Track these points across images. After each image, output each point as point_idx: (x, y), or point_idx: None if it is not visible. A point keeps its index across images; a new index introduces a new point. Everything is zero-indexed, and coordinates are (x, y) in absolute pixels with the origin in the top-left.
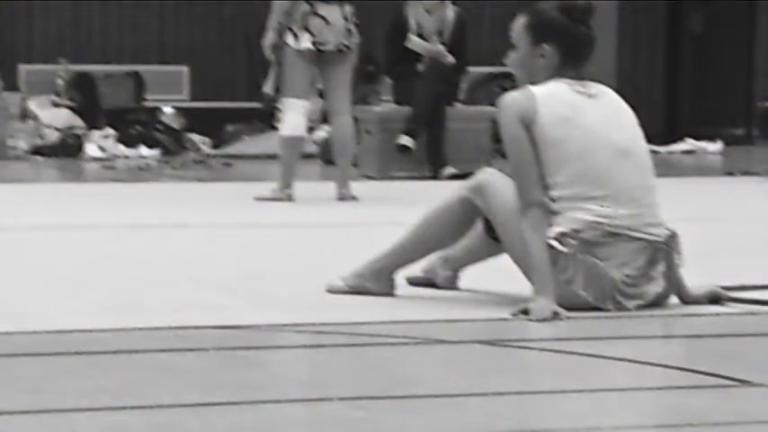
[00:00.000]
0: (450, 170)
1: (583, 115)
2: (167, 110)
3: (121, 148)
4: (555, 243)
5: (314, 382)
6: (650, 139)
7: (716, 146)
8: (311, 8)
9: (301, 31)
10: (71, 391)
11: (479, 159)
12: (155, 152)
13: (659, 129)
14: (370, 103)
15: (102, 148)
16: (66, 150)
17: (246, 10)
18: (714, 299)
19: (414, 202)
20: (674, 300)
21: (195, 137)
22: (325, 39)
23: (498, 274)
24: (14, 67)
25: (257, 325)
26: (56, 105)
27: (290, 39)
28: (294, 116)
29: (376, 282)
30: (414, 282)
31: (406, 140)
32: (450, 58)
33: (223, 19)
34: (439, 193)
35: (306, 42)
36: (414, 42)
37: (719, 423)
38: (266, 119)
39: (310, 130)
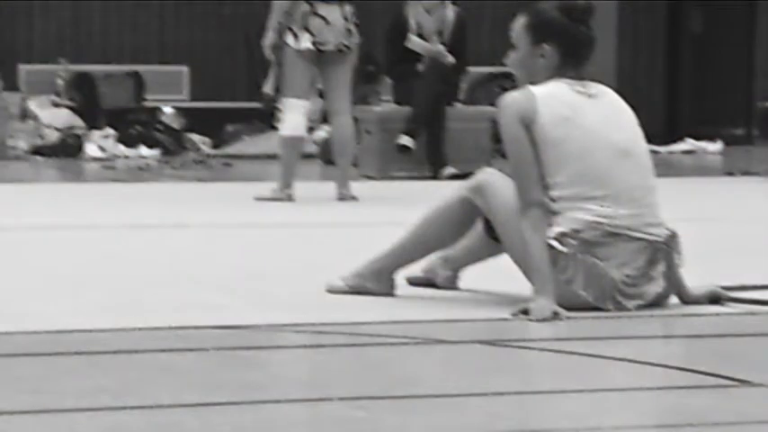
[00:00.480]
0: (450, 170)
1: (583, 115)
2: (167, 110)
3: (121, 148)
4: (555, 243)
5: (314, 382)
6: (650, 139)
7: (716, 146)
8: (311, 8)
9: (301, 31)
10: (71, 391)
11: (479, 159)
12: (155, 152)
13: (659, 129)
14: (370, 103)
15: (102, 148)
16: (66, 150)
17: (246, 10)
18: (714, 299)
19: (414, 202)
20: (674, 300)
21: (195, 137)
22: (325, 39)
23: (498, 274)
24: (14, 67)
25: (257, 325)
26: (56, 105)
27: (290, 39)
28: (294, 116)
29: (376, 282)
30: (414, 282)
31: (406, 140)
32: (450, 58)
33: (222, 16)
34: (439, 193)
35: (306, 42)
36: (414, 42)
37: (719, 423)
38: (266, 119)
39: (310, 130)
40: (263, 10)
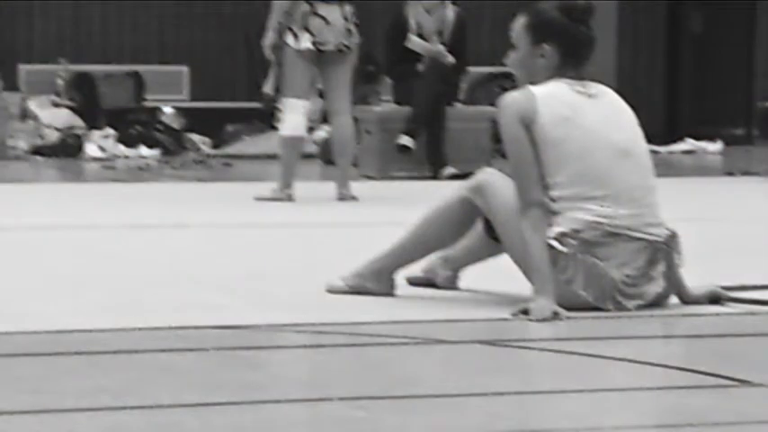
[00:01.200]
0: (450, 170)
1: (583, 115)
2: (167, 110)
3: (121, 148)
4: (555, 243)
5: (314, 382)
6: (650, 139)
7: (716, 146)
8: (311, 8)
9: (301, 31)
10: (71, 391)
11: (479, 159)
12: (155, 152)
13: (659, 129)
14: (370, 103)
15: (102, 148)
16: (66, 150)
17: (246, 10)
18: (714, 299)
19: (414, 202)
20: (674, 300)
21: (195, 137)
22: (325, 39)
23: (498, 274)
24: (14, 67)
25: (257, 325)
26: (56, 105)
27: (290, 39)
28: (294, 116)
29: (376, 282)
30: (414, 282)
31: (406, 140)
32: (451, 58)
33: (222, 16)
34: (439, 193)
35: (306, 42)
36: (414, 42)
37: (719, 423)
38: (266, 119)
39: (310, 130)
40: (263, 10)
